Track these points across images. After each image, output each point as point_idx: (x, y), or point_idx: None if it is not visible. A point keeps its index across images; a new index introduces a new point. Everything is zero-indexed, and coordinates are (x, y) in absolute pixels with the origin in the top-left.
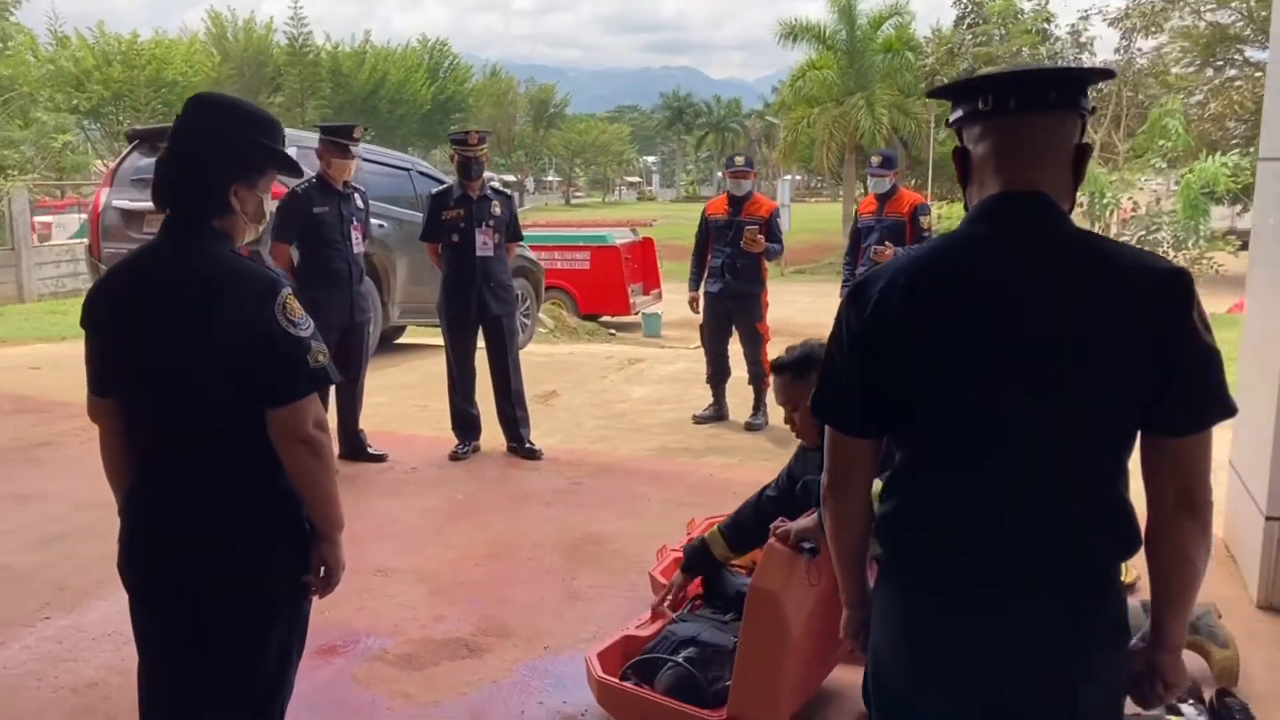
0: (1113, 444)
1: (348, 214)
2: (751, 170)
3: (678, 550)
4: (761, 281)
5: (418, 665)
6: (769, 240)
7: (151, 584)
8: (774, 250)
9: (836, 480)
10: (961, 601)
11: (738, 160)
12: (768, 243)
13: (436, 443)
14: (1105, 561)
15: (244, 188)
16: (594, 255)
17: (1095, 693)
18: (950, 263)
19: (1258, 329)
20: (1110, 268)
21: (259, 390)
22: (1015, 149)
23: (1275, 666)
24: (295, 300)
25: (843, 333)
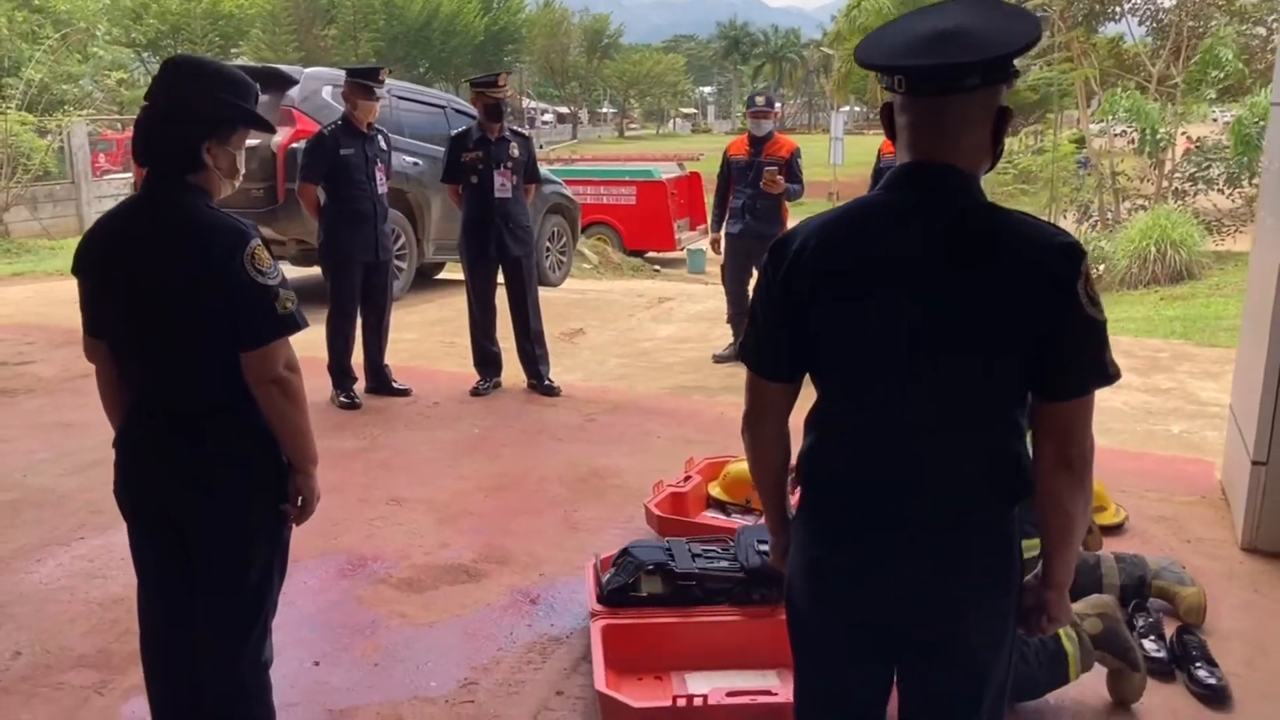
0: (1000, 401)
1: (372, 155)
2: (772, 110)
3: (675, 486)
4: (782, 222)
5: (418, 589)
6: (789, 181)
7: (142, 511)
8: (794, 191)
9: (752, 417)
10: (857, 534)
11: (758, 100)
12: (787, 184)
13: (459, 378)
14: (989, 504)
15: (216, 145)
16: (640, 190)
17: (978, 621)
18: (857, 225)
19: (1260, 276)
20: (1004, 238)
21: (232, 335)
22: (926, 126)
23: (1245, 606)
24: (264, 250)
25: (763, 284)
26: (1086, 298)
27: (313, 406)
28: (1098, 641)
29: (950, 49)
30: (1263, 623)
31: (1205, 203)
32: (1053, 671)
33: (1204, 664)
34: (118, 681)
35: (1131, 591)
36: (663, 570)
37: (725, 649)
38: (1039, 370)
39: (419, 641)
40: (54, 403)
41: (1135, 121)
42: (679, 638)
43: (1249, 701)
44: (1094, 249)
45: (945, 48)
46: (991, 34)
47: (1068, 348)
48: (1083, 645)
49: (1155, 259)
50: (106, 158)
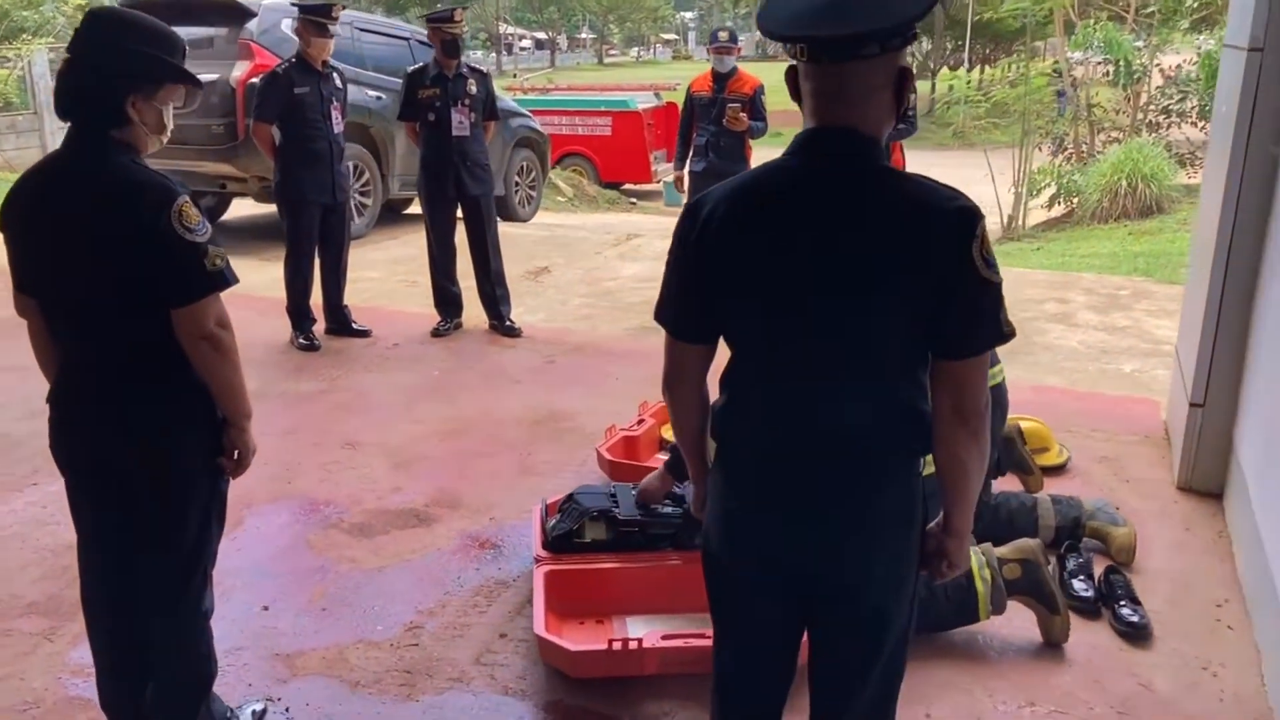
0: (901, 359)
1: (327, 94)
2: (735, 46)
3: (627, 430)
4: (745, 160)
5: (368, 533)
6: (752, 118)
7: (78, 465)
8: (757, 129)
9: (671, 379)
10: (766, 485)
11: (721, 35)
12: (751, 120)
13: (421, 319)
14: (890, 455)
15: (141, 99)
16: (615, 121)
17: (882, 567)
18: (763, 191)
19: (1205, 218)
20: (902, 202)
21: (160, 292)
22: (828, 92)
23: (1176, 545)
24: (192, 207)
25: (676, 248)
26: (981, 260)
27: (272, 348)
28: (1017, 586)
29: (848, 17)
30: (1191, 562)
31: (1179, 135)
32: (961, 608)
33: (1128, 602)
34: (67, 628)
35: (1066, 533)
36: (606, 516)
37: (667, 593)
38: (936, 330)
39: (367, 586)
40: (6, 346)
41: (1109, 53)
42: (621, 582)
43: (1169, 639)
44: (1068, 182)
45: (844, 16)
46: (888, 1)
47: (962, 309)
48: (995, 586)
49: (1126, 193)
50: None
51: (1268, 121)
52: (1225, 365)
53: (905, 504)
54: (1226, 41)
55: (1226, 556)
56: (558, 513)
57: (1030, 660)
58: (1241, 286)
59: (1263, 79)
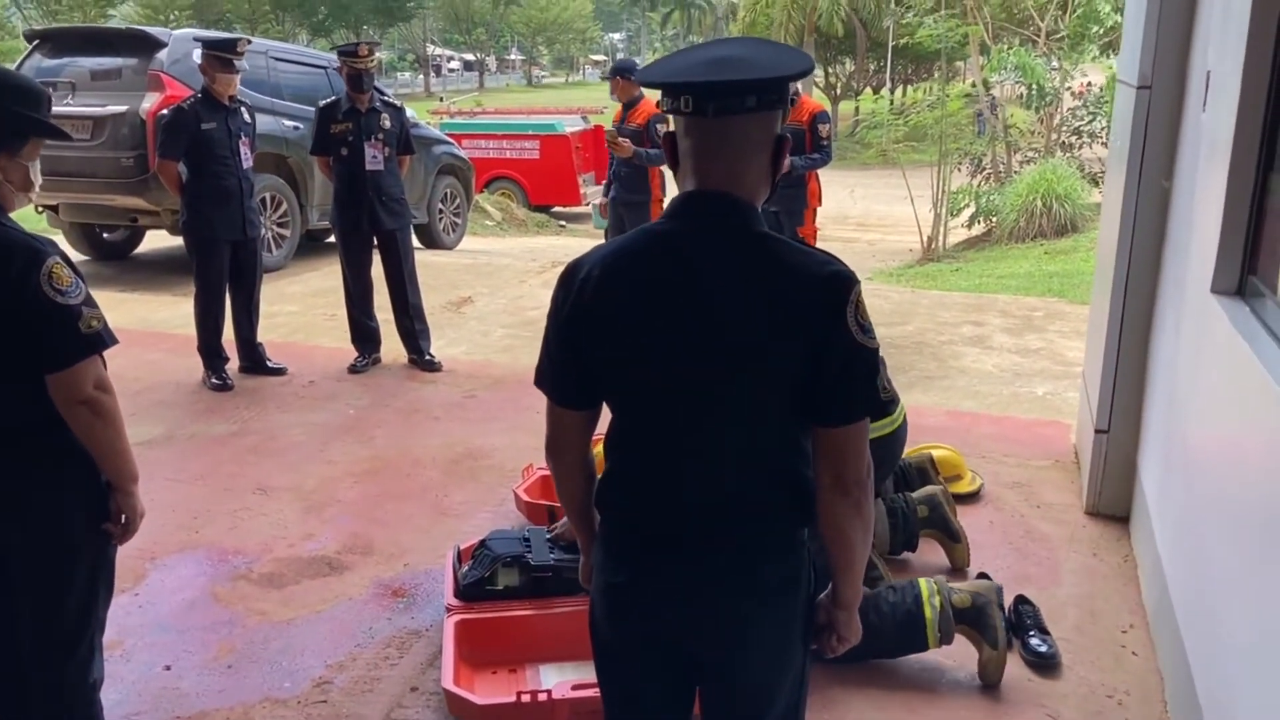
0: (780, 427)
1: (235, 129)
2: (614, 79)
3: (543, 469)
4: (648, 189)
5: (279, 584)
6: (646, 146)
7: None
8: (646, 156)
9: (552, 443)
10: (646, 558)
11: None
12: (639, 149)
13: (338, 354)
14: (772, 527)
15: (5, 157)
16: (544, 144)
17: (764, 644)
18: (638, 255)
19: (1105, 249)
20: (777, 268)
21: (34, 357)
22: (712, 150)
23: (1083, 570)
24: (64, 268)
25: (553, 312)
26: (856, 325)
27: (183, 388)
28: (962, 615)
29: (730, 72)
30: (1098, 587)
31: (1090, 154)
32: (907, 634)
33: (1037, 632)
34: None
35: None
36: (519, 562)
37: (582, 640)
38: (812, 397)
39: (276, 640)
40: None
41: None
42: (534, 630)
43: (1076, 667)
44: (986, 202)
45: (725, 71)
46: (766, 61)
47: (837, 375)
48: (943, 614)
49: (1041, 213)
50: None
51: (1157, 156)
52: (1127, 392)
53: (788, 575)
54: (1119, 77)
55: (1131, 581)
56: (470, 559)
57: (946, 693)
58: (1140, 314)
59: (1151, 116)
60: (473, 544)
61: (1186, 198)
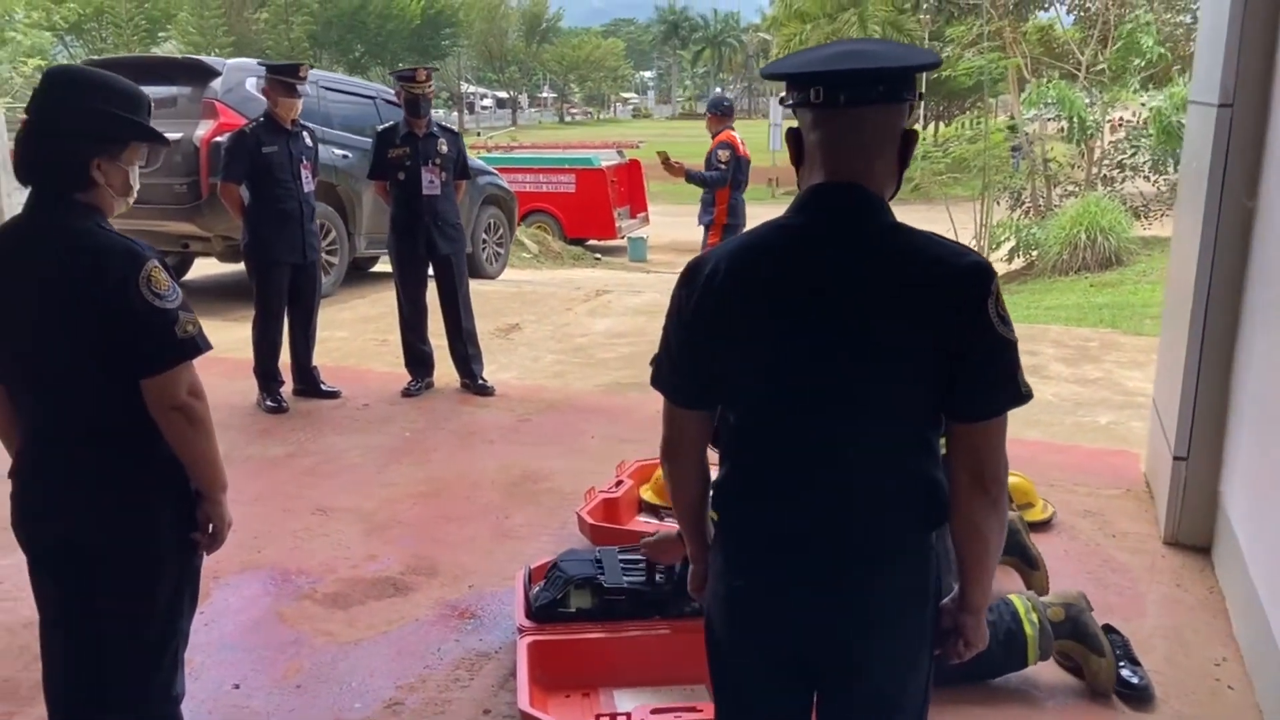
0: (914, 425)
1: (297, 153)
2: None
3: (607, 491)
4: (710, 211)
5: (344, 604)
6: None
7: (41, 544)
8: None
9: (670, 447)
10: (771, 562)
11: None
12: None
13: (391, 379)
14: (904, 531)
15: (106, 161)
16: (579, 178)
17: (892, 650)
18: (767, 250)
19: (1178, 272)
20: (913, 260)
21: (130, 361)
22: (841, 141)
23: (1166, 602)
24: (161, 271)
25: (675, 311)
26: (997, 317)
27: (238, 411)
28: (1060, 629)
29: (859, 63)
30: (1184, 618)
31: (1132, 188)
32: (1009, 652)
33: (1127, 663)
34: (26, 712)
35: None
36: (591, 584)
37: (655, 664)
38: (951, 392)
39: (343, 660)
40: None
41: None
42: (607, 653)
43: (1170, 700)
44: (1027, 236)
45: (853, 62)
46: (894, 54)
47: (979, 369)
48: (1043, 631)
49: (1085, 246)
50: None
51: (1240, 176)
52: (1208, 418)
53: (919, 580)
54: (1192, 98)
55: (1220, 613)
56: (542, 580)
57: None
58: (1221, 338)
59: (1234, 134)
60: (544, 564)
61: (1273, 215)
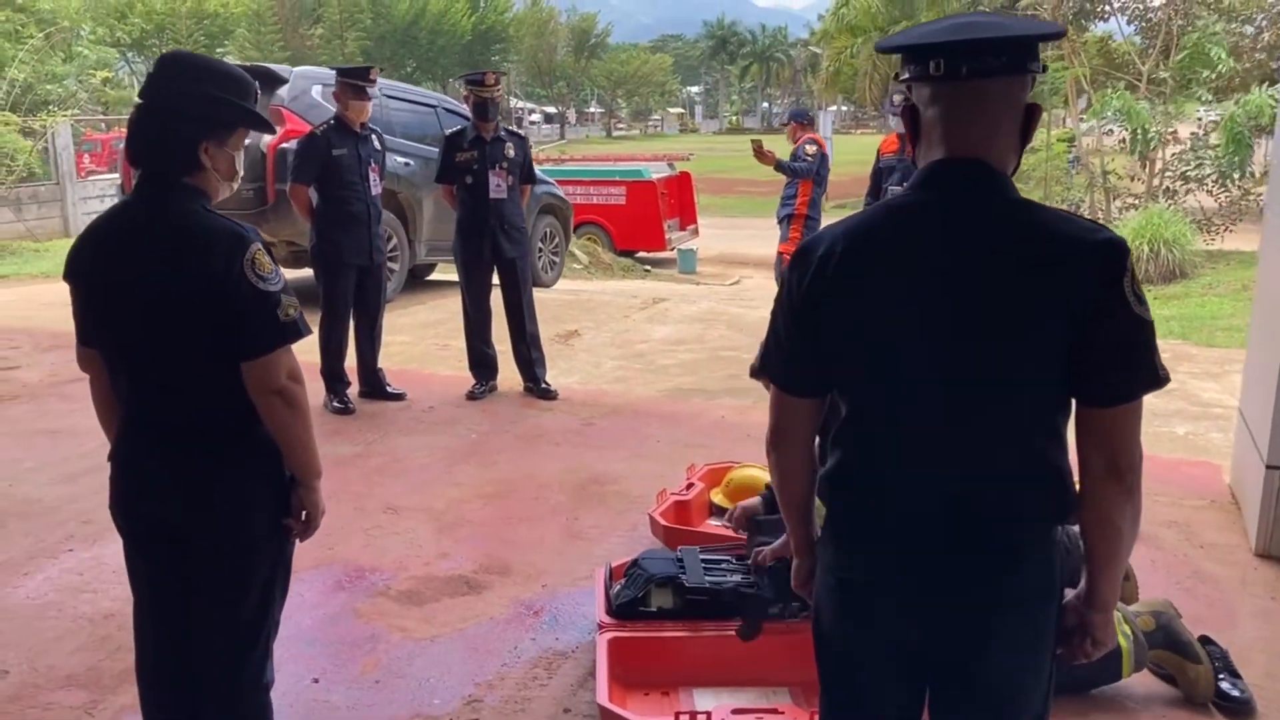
0: (1043, 410)
1: (365, 155)
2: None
3: (678, 494)
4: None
5: (418, 601)
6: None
7: (138, 526)
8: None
9: (779, 435)
10: (887, 555)
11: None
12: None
13: (455, 382)
14: (1031, 523)
15: (214, 145)
16: (630, 190)
17: (1015, 649)
18: (886, 230)
19: (1269, 278)
20: (1043, 237)
21: (232, 344)
22: (963, 115)
23: (1262, 614)
24: (265, 255)
25: (785, 295)
26: (1133, 295)
27: None
28: (1153, 639)
29: (980, 33)
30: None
31: (1193, 202)
32: (1104, 664)
33: (1226, 675)
34: (109, 701)
35: None
36: (673, 583)
37: (736, 665)
38: (1084, 375)
39: (421, 656)
40: (40, 409)
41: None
42: (688, 652)
43: (1272, 713)
44: None
45: (975, 32)
46: (1014, 24)
47: (1115, 350)
48: (1137, 642)
49: (1149, 258)
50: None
51: None
52: None
53: (1045, 576)
54: None
55: None
56: (623, 578)
57: None
58: None
59: None
60: (623, 563)
61: None
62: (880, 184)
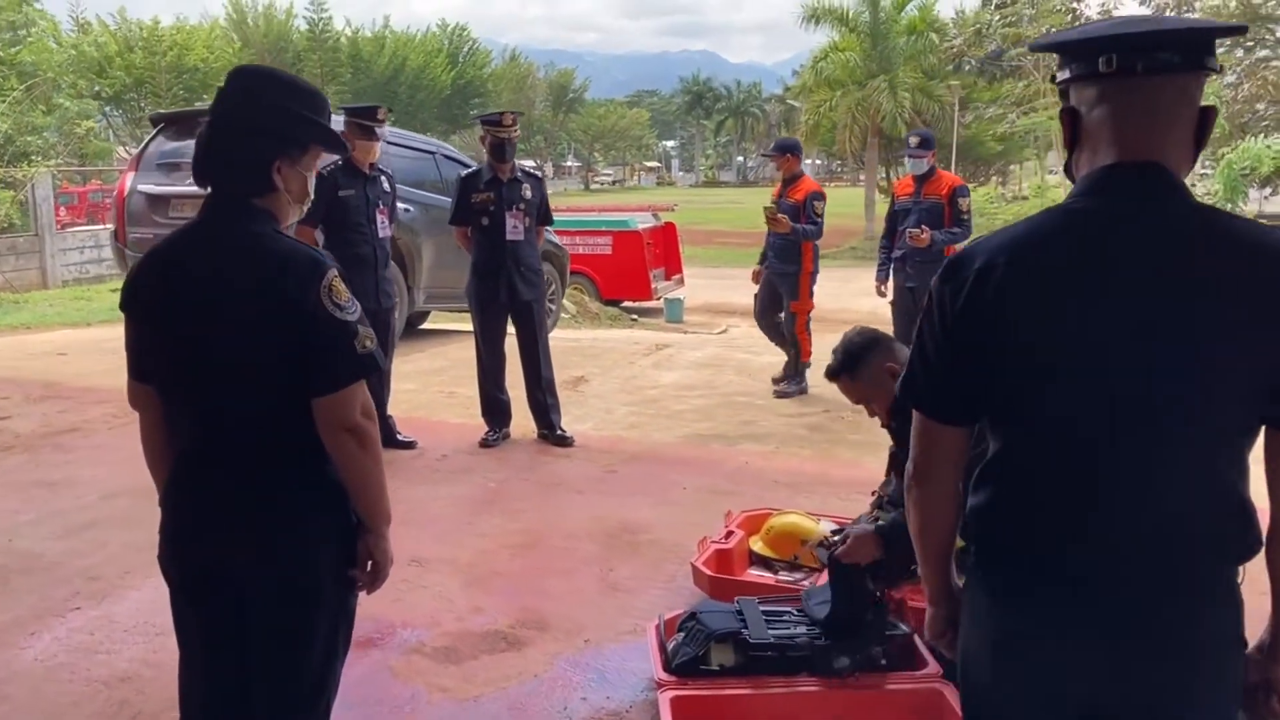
0: (1231, 437)
1: (373, 197)
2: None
3: (718, 542)
4: (798, 262)
5: (456, 658)
6: (801, 222)
7: (192, 577)
8: (803, 231)
9: (924, 470)
10: (1052, 602)
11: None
12: (795, 224)
13: (465, 429)
14: (1218, 565)
15: (287, 164)
16: (616, 240)
17: (1205, 701)
18: (1054, 239)
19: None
20: (1234, 245)
21: (304, 377)
22: (1136, 115)
23: None
24: (341, 282)
25: (935, 313)
26: None
27: None
28: None
29: (1153, 26)
30: None
31: None
32: None
33: None
34: None
35: None
36: (735, 639)
37: None
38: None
39: (464, 718)
40: (34, 460)
41: None
42: (753, 711)
43: None
44: None
45: (1148, 26)
46: (1189, 21)
47: None
48: None
49: None
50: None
51: None
52: None
53: (1235, 621)
54: None
55: None
56: (677, 632)
57: None
58: None
59: None
60: (676, 616)
61: None
62: (895, 226)
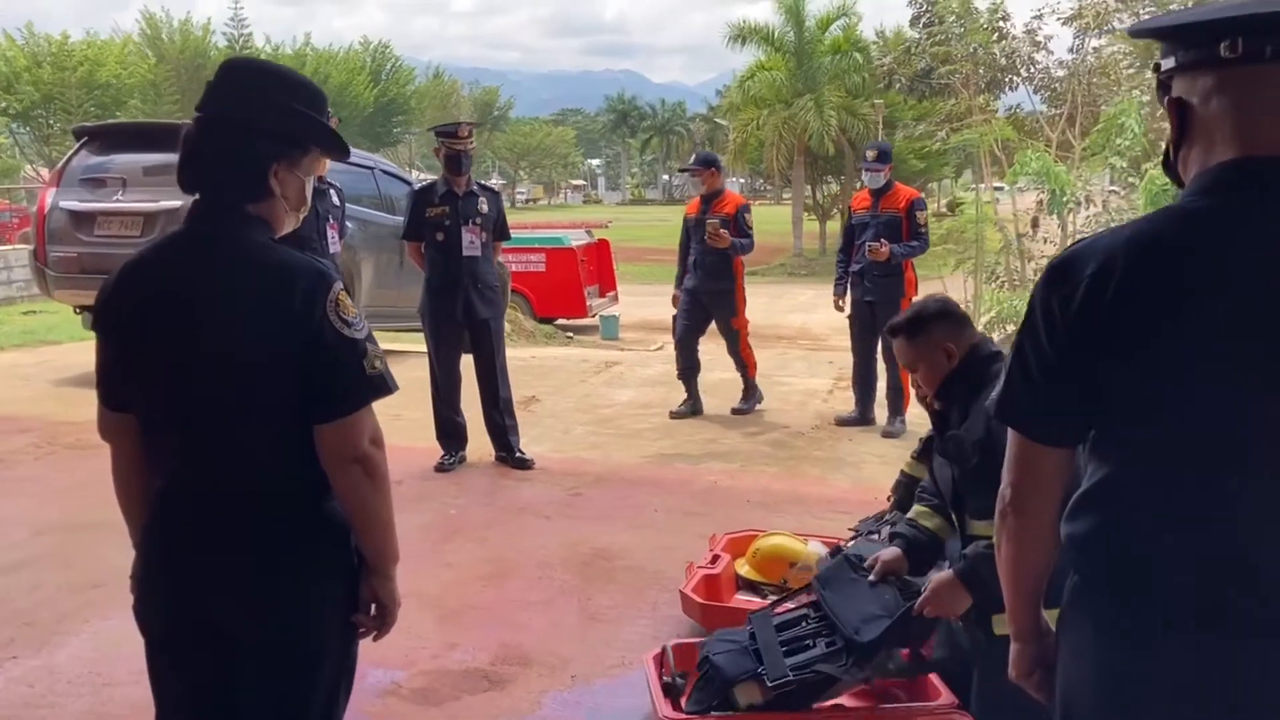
0: None
1: (322, 211)
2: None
3: (705, 567)
4: (732, 277)
5: (435, 700)
6: (736, 235)
7: (175, 628)
8: (740, 245)
9: (1022, 498)
10: (1169, 639)
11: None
12: (734, 238)
13: (418, 453)
14: None
15: (285, 167)
16: (549, 257)
17: None
18: (1173, 243)
19: None
20: None
21: (308, 401)
22: (1263, 106)
23: None
24: (348, 296)
25: (1040, 322)
26: None
27: None
28: None
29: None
30: None
31: None
32: None
33: None
34: None
35: None
36: (755, 677)
37: None
38: None
39: None
40: None
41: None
42: None
43: None
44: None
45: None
46: None
47: None
48: None
49: None
50: None
51: None
52: None
53: None
54: None
55: None
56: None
57: None
58: None
59: None
60: (680, 645)
61: None
62: (853, 240)
